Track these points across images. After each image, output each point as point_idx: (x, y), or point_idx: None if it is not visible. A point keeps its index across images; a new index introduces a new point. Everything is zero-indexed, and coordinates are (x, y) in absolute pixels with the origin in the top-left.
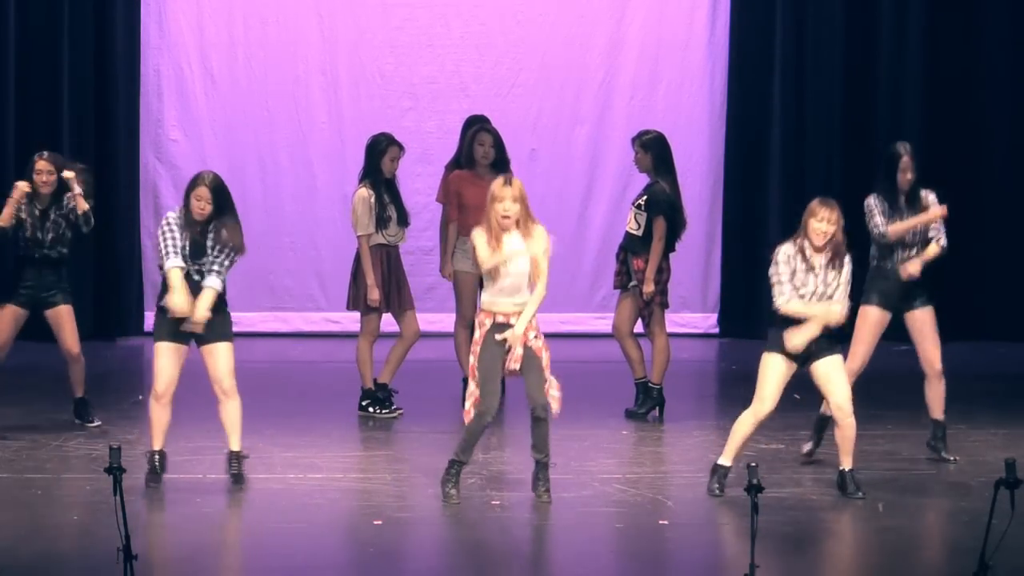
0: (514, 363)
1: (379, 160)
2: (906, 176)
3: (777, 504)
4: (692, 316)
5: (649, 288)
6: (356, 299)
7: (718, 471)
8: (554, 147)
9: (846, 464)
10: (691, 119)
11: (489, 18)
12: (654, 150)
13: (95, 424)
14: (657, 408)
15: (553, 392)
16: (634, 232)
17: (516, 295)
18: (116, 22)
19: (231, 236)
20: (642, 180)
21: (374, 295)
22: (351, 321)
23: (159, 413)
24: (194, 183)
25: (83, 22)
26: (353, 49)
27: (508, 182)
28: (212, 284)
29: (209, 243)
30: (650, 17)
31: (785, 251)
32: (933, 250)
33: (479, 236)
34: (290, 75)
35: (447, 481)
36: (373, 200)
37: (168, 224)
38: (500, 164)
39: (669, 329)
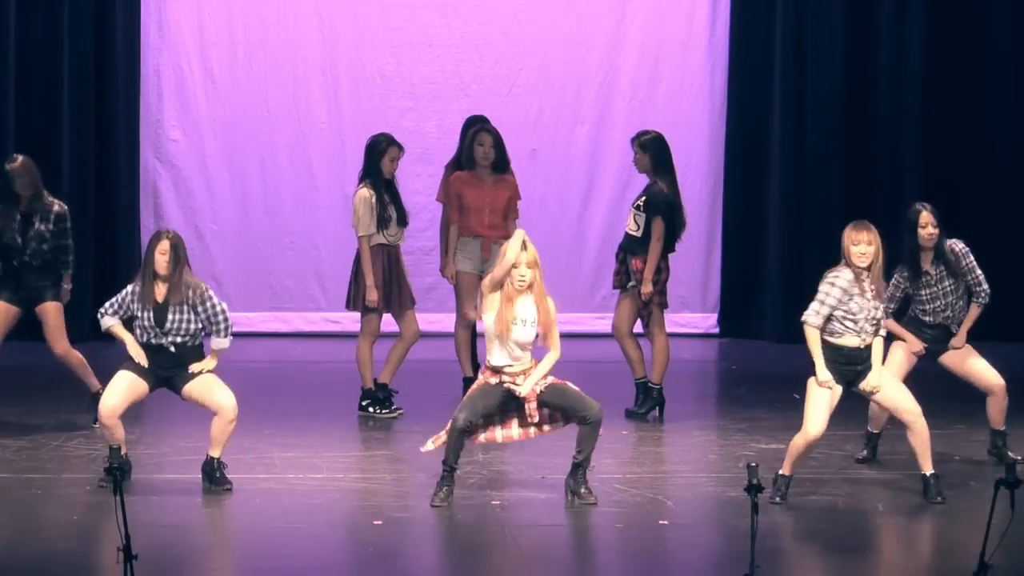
0: (532, 416)
1: (379, 160)
2: (927, 231)
3: (777, 504)
4: (692, 316)
5: (647, 289)
6: (356, 299)
7: (778, 480)
8: (554, 147)
9: (926, 468)
10: (691, 119)
11: (489, 18)
12: (652, 150)
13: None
14: (657, 408)
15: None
16: (633, 233)
17: (521, 358)
18: (116, 22)
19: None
20: (643, 180)
21: (372, 296)
22: (351, 321)
23: (107, 432)
24: (156, 238)
25: (83, 22)
26: (353, 49)
27: (524, 247)
28: (222, 345)
29: (173, 314)
30: (650, 17)
31: (846, 277)
32: (974, 314)
33: (490, 303)
34: (290, 75)
35: (438, 485)
36: (374, 200)
37: (129, 293)
38: (500, 165)
39: (669, 329)
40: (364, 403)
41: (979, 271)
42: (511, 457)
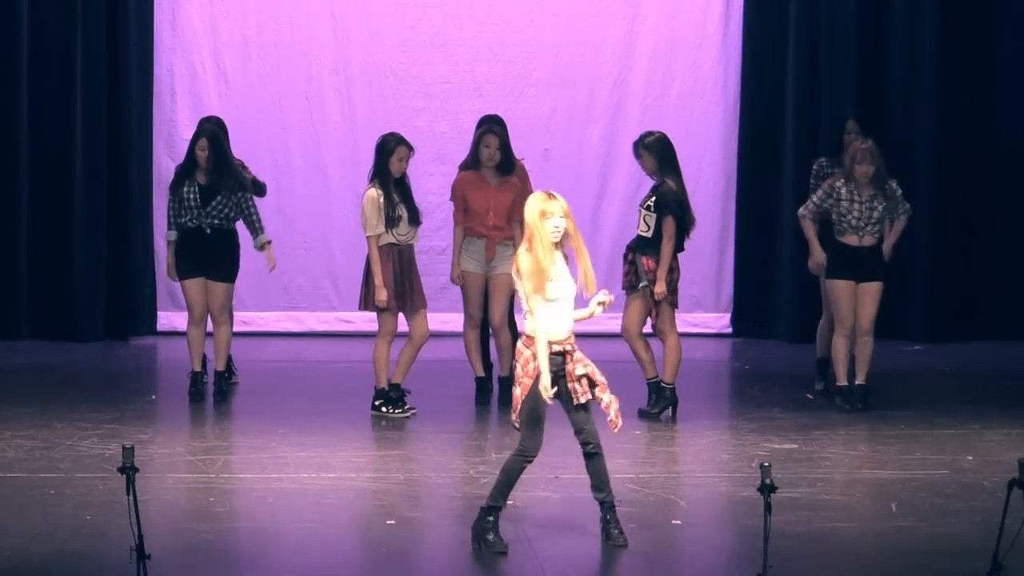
0: (582, 396)
1: (387, 160)
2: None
3: (790, 504)
4: (705, 316)
5: (661, 288)
6: (366, 299)
7: (841, 391)
8: (567, 147)
9: (860, 378)
10: (704, 118)
11: (502, 18)
12: (655, 151)
13: None
14: (670, 408)
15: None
16: (644, 233)
17: (567, 317)
18: (129, 22)
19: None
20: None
21: (381, 295)
22: (364, 321)
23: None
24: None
25: (96, 22)
26: (366, 49)
27: (552, 196)
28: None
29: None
30: (663, 16)
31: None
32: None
33: (528, 265)
34: (303, 75)
35: (486, 530)
36: (382, 200)
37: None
38: (505, 167)
39: (682, 329)
40: (377, 403)
41: None
42: None
